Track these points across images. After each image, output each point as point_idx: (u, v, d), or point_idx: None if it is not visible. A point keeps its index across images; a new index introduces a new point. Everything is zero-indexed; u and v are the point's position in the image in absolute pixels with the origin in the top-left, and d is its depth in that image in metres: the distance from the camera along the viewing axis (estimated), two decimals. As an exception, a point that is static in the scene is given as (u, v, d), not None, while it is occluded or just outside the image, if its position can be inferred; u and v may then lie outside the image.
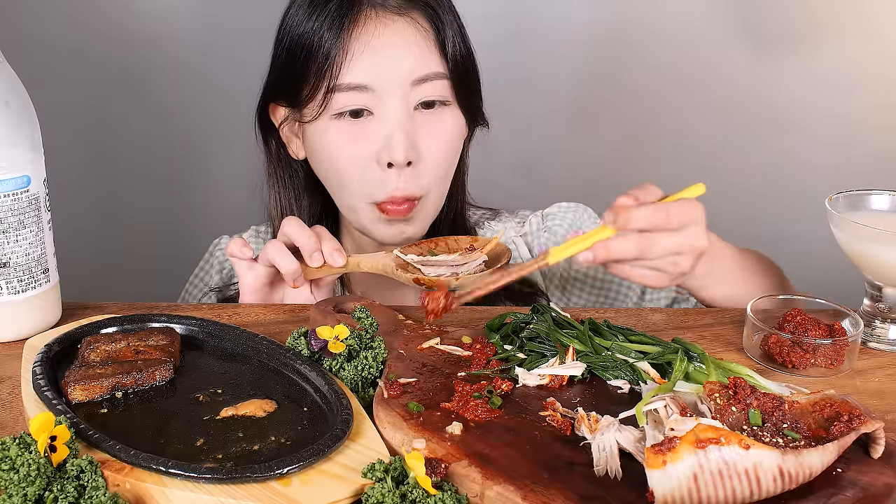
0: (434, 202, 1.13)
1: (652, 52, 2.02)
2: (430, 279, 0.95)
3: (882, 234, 0.89)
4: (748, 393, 0.69)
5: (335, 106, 1.06)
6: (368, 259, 1.02)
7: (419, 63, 1.06)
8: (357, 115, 1.06)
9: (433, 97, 1.08)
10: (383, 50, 1.04)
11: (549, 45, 2.02)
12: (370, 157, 1.07)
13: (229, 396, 0.75)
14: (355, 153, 1.07)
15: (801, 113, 2.03)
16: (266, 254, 1.01)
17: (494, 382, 0.78)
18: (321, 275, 1.02)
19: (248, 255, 1.03)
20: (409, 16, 1.07)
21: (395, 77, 1.05)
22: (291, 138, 1.17)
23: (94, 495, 0.61)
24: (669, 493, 0.60)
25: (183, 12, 1.97)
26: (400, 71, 1.05)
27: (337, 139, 1.08)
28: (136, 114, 2.02)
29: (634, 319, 1.00)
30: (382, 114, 1.06)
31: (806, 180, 1.93)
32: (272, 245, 1.00)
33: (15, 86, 0.86)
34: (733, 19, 2.01)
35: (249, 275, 1.03)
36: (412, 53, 1.06)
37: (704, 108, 2.01)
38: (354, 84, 1.05)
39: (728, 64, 2.01)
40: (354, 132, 1.07)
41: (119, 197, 2.10)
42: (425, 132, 1.08)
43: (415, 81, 1.06)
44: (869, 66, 2.00)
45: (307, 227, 1.01)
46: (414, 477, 0.62)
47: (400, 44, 1.05)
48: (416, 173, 1.08)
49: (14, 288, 0.88)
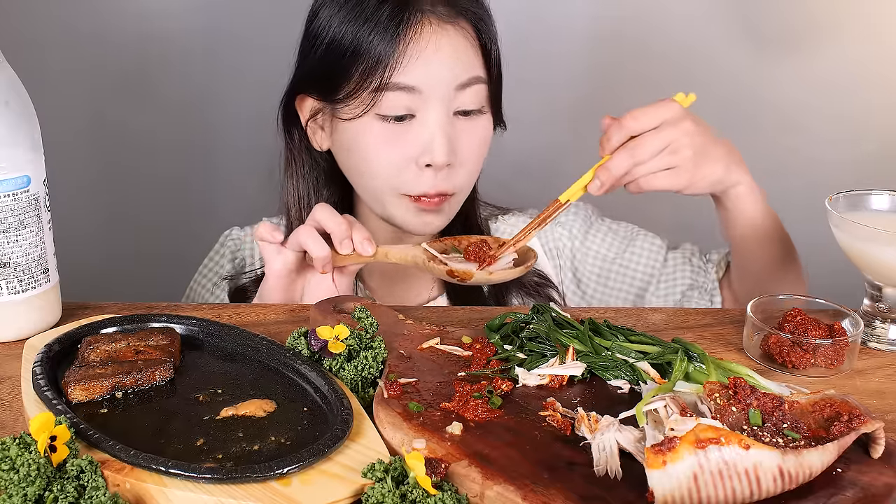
0: (461, 199, 1.17)
1: (652, 51, 2.02)
2: (463, 271, 0.97)
3: (882, 234, 0.89)
4: (748, 393, 0.69)
5: (383, 106, 1.09)
6: (397, 250, 1.03)
7: (465, 69, 1.10)
8: (400, 119, 1.09)
9: (472, 105, 1.12)
10: (435, 56, 1.08)
11: (550, 44, 2.02)
12: (409, 159, 1.10)
13: (229, 396, 0.75)
14: (394, 154, 1.10)
15: (802, 112, 2.03)
16: (297, 238, 1.01)
17: (494, 382, 0.78)
18: (349, 262, 1.04)
19: (278, 239, 1.03)
20: (459, 24, 1.11)
21: (442, 81, 1.08)
22: (317, 130, 1.19)
23: (94, 495, 0.61)
24: (669, 493, 0.60)
25: (185, 10, 1.97)
26: (448, 76, 1.09)
27: (377, 139, 1.10)
28: (136, 113, 2.02)
29: (634, 319, 1.00)
30: (425, 118, 1.09)
31: (806, 180, 1.92)
32: (304, 230, 1.01)
33: (15, 86, 0.86)
34: (734, 19, 2.00)
35: (278, 259, 1.03)
36: (460, 60, 1.10)
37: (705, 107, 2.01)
38: (403, 84, 1.08)
39: (730, 63, 2.01)
40: (395, 134, 1.10)
41: (119, 197, 2.10)
42: (463, 137, 1.12)
43: (459, 86, 1.10)
44: (870, 65, 2.00)
45: (338, 214, 1.02)
46: (414, 477, 0.62)
47: (449, 51, 1.09)
48: (452, 174, 1.12)
49: (14, 288, 0.88)
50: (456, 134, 1.11)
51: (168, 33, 1.99)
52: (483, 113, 1.14)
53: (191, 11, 1.97)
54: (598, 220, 1.34)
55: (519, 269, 0.98)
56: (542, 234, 1.32)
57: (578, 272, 1.31)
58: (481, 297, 1.23)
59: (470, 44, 1.11)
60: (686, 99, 1.02)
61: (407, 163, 1.10)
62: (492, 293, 1.23)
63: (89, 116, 2.01)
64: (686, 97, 1.02)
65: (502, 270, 0.98)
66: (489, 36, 1.14)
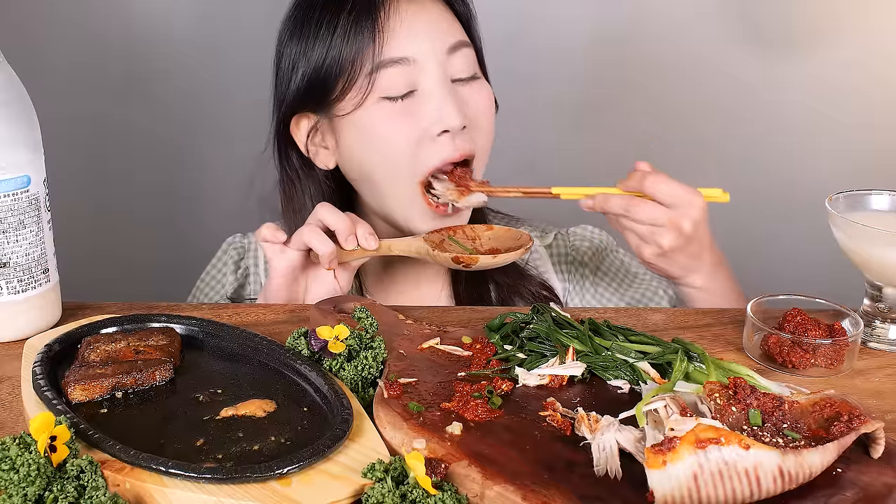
0: (481, 165, 1.17)
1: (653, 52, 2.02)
2: (469, 257, 1.01)
3: (882, 234, 0.89)
4: (748, 393, 0.69)
5: (382, 86, 1.09)
6: (400, 243, 1.06)
7: (449, 32, 1.12)
8: (404, 97, 1.10)
9: (466, 72, 1.13)
10: (415, 25, 1.10)
11: (552, 43, 2.02)
12: (423, 131, 1.09)
13: (229, 396, 0.75)
14: (408, 130, 1.10)
15: (802, 112, 2.03)
16: (302, 237, 1.03)
17: (494, 382, 0.78)
18: (353, 258, 1.06)
19: (280, 239, 1.05)
20: None
21: (433, 46, 1.10)
22: (318, 150, 1.18)
23: (94, 495, 0.61)
24: (669, 493, 0.60)
25: (182, 12, 1.97)
26: (435, 41, 1.10)
27: (386, 119, 1.10)
28: (136, 114, 2.02)
29: (634, 319, 1.00)
30: (426, 88, 1.10)
31: (806, 180, 1.93)
32: (308, 228, 1.03)
33: (15, 86, 0.86)
34: (735, 19, 2.00)
35: (282, 259, 1.05)
36: (441, 25, 1.12)
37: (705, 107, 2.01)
38: (397, 57, 1.08)
39: (730, 63, 2.01)
40: (403, 110, 1.10)
41: (119, 196, 2.10)
42: (470, 101, 1.13)
43: (449, 49, 1.11)
44: (870, 66, 2.00)
45: (340, 212, 1.04)
46: (414, 477, 0.62)
47: (427, 17, 1.11)
48: (468, 136, 1.12)
49: (14, 288, 0.88)
50: (462, 98, 1.11)
51: (170, 33, 1.99)
52: (478, 78, 1.15)
53: (190, 12, 1.97)
54: (614, 251, 1.34)
55: (520, 251, 1.02)
56: (556, 254, 1.32)
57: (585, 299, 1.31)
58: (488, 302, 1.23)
59: (446, 10, 1.14)
60: (716, 195, 1.01)
61: (421, 136, 1.09)
62: (497, 300, 1.23)
63: (89, 116, 2.01)
64: (720, 194, 1.01)
65: (505, 253, 1.02)
66: (461, 4, 1.16)
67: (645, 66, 2.03)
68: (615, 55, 2.04)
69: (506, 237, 1.08)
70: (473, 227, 1.11)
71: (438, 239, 1.07)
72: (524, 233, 1.07)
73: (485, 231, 1.10)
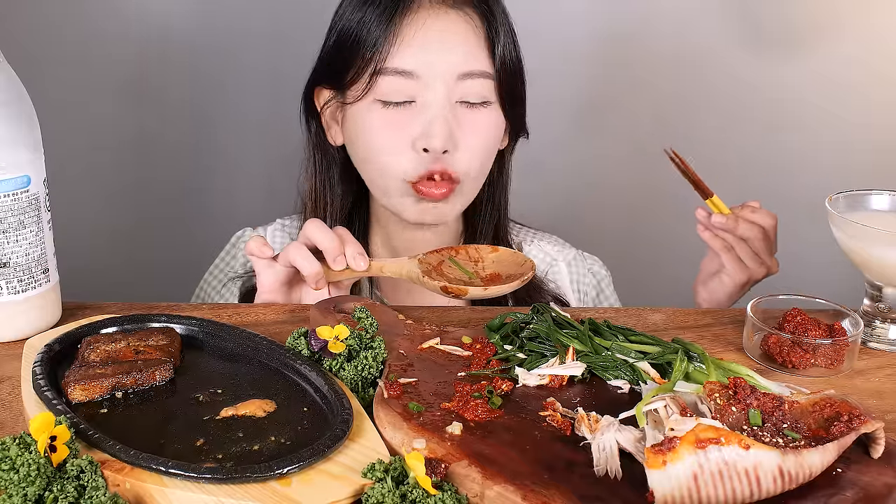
0: (467, 191, 1.15)
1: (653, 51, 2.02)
2: (457, 287, 0.95)
3: (882, 234, 0.89)
4: (748, 393, 0.69)
5: (380, 90, 1.09)
6: (392, 264, 1.01)
7: (467, 58, 1.09)
8: (401, 104, 1.09)
9: (476, 97, 1.10)
10: (433, 40, 1.07)
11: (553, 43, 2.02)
12: (407, 143, 1.09)
13: (229, 396, 0.75)
14: (393, 138, 1.10)
15: (802, 112, 2.03)
16: (287, 255, 1.00)
17: (494, 382, 0.78)
18: (342, 277, 1.01)
19: (267, 255, 1.02)
20: (463, 11, 1.09)
21: (442, 68, 1.08)
22: (331, 124, 1.20)
23: (94, 495, 0.61)
24: (669, 493, 0.60)
25: (184, 9, 1.96)
26: (447, 63, 1.08)
27: (377, 122, 1.10)
28: (136, 113, 2.02)
29: (634, 319, 1.00)
30: (424, 102, 1.09)
31: (806, 179, 1.92)
32: (293, 247, 1.00)
33: (15, 86, 0.86)
34: (735, 18, 2.00)
35: (268, 273, 1.02)
36: (461, 48, 1.08)
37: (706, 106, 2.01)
38: (401, 69, 1.07)
39: (730, 62, 2.00)
40: (395, 118, 1.09)
41: (119, 196, 2.10)
42: (465, 127, 1.11)
43: (461, 76, 1.09)
44: (871, 65, 2.00)
45: (329, 230, 1.00)
46: (414, 477, 0.62)
47: (450, 37, 1.08)
48: (452, 160, 1.10)
49: (14, 288, 0.88)
50: (457, 122, 1.10)
51: (170, 33, 1.99)
52: (488, 105, 1.12)
53: (196, 9, 1.97)
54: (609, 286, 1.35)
55: (515, 283, 0.96)
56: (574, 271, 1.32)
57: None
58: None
59: (474, 34, 1.10)
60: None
61: (405, 146, 1.10)
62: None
63: (89, 116, 2.01)
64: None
65: (496, 286, 0.96)
66: (497, 30, 1.11)
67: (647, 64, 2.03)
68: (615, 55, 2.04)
69: (510, 261, 1.02)
70: (478, 248, 1.04)
71: (437, 260, 1.01)
72: (528, 259, 1.01)
73: (489, 253, 1.03)
